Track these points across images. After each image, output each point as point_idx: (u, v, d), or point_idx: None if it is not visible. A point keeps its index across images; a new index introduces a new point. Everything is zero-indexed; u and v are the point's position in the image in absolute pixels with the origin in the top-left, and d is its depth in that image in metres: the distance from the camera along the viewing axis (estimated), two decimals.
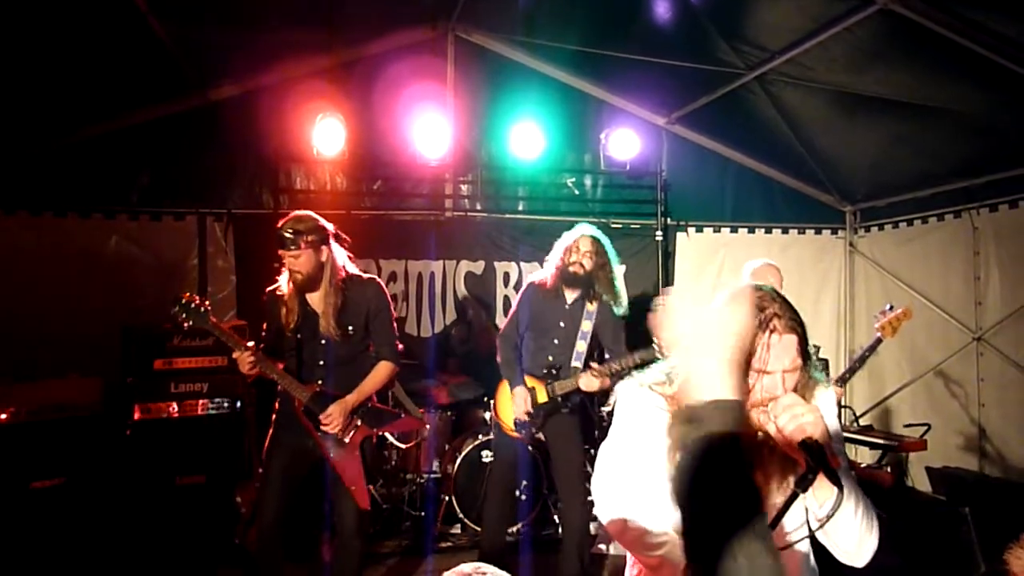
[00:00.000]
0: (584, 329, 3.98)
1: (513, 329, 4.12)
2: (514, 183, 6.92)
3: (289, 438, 3.45)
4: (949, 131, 5.38)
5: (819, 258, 7.50)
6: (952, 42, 4.27)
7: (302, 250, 3.37)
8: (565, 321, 4.00)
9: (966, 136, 5.36)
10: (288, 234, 3.37)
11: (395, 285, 6.51)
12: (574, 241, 4.00)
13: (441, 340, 6.47)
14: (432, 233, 6.44)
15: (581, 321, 3.98)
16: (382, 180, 6.59)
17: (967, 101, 4.93)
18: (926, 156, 5.91)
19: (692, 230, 7.36)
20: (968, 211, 6.10)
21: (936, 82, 4.85)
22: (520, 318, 4.10)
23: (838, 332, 7.49)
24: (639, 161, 6.87)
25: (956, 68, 4.55)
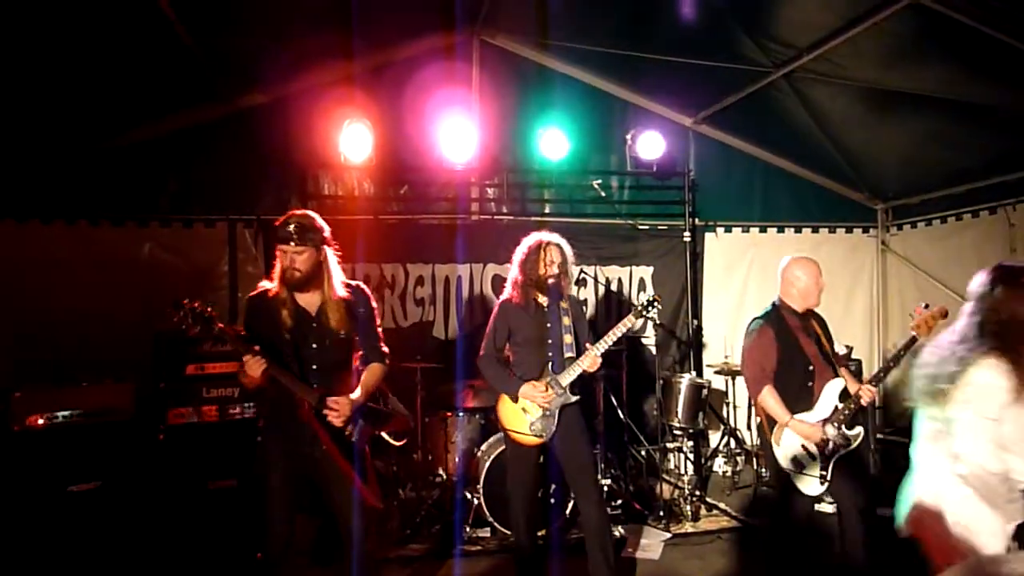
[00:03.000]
0: (566, 323, 4.09)
1: (495, 347, 4.15)
2: (540, 186, 6.93)
3: (285, 447, 3.39)
4: (982, 126, 5.29)
5: (851, 257, 7.41)
6: (984, 35, 4.21)
7: (306, 247, 3.35)
8: (551, 322, 4.06)
9: (1000, 131, 5.27)
10: (293, 229, 3.33)
11: (422, 289, 6.54)
12: (546, 253, 4.06)
13: (468, 344, 6.47)
14: (458, 236, 6.47)
15: (561, 317, 4.08)
16: (408, 185, 6.62)
17: (1000, 95, 4.85)
18: (959, 152, 5.82)
19: (721, 230, 7.32)
20: (1004, 207, 5.99)
21: (968, 77, 4.77)
22: (503, 336, 4.14)
23: (871, 332, 7.39)
24: (666, 162, 6.84)
25: (988, 62, 4.47)
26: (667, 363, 6.82)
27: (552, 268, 4.05)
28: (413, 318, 6.54)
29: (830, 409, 3.88)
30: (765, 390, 3.94)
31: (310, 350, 3.40)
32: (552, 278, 4.05)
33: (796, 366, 3.96)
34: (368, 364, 3.59)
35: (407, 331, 6.50)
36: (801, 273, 4.05)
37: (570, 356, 4.04)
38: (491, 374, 4.14)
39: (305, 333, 3.41)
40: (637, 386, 6.46)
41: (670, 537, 5.26)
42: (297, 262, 3.35)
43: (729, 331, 7.00)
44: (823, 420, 3.87)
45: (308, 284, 3.41)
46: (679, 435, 6.09)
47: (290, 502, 3.40)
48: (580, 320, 4.21)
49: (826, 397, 3.91)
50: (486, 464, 5.07)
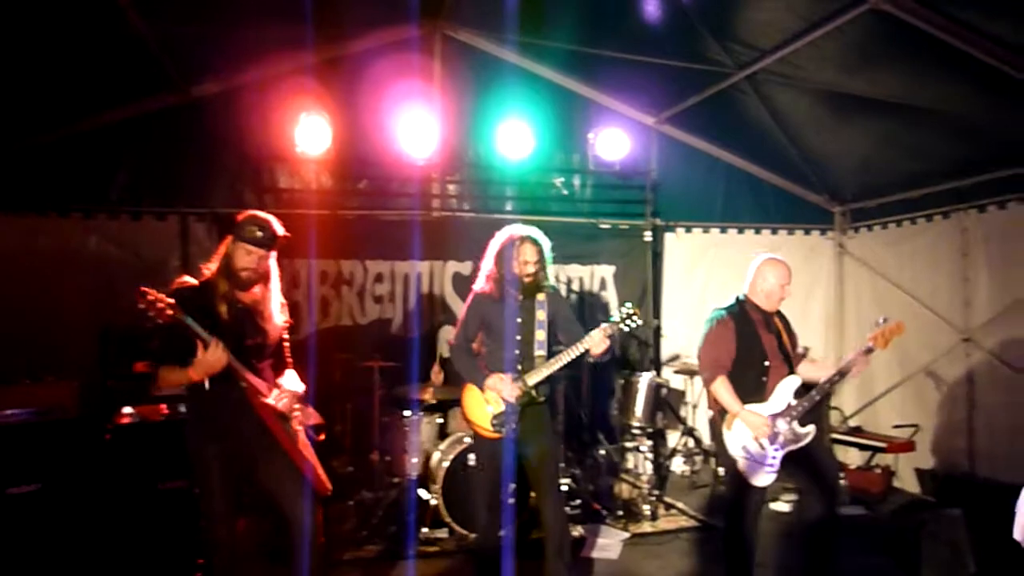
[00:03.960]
0: (540, 319, 4.03)
1: (465, 338, 4.12)
2: (502, 183, 6.91)
3: (222, 445, 3.32)
4: (939, 132, 5.41)
5: (809, 259, 7.53)
6: (942, 42, 4.30)
7: (266, 252, 3.37)
8: (522, 316, 4.03)
9: (956, 137, 5.40)
10: (262, 233, 3.32)
11: (381, 286, 6.48)
12: (519, 251, 4.00)
13: (428, 342, 6.43)
14: (419, 233, 6.40)
15: (535, 312, 4.04)
16: (368, 179, 6.55)
17: (957, 102, 4.96)
18: (916, 157, 5.95)
19: (682, 230, 7.39)
20: (957, 212, 6.15)
21: (926, 82, 4.88)
22: (473, 327, 4.11)
23: (827, 334, 7.52)
24: (628, 161, 6.87)
25: (946, 68, 4.58)
26: (628, 363, 6.86)
27: (526, 267, 3.98)
28: (372, 315, 6.47)
29: (783, 404, 3.94)
30: (718, 380, 3.99)
31: (248, 346, 3.38)
32: (527, 276, 4.00)
33: (752, 359, 4.00)
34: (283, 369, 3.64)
35: (365, 329, 6.43)
36: (769, 274, 4.08)
37: (540, 355, 3.99)
38: (461, 363, 4.13)
39: (245, 327, 3.39)
40: (597, 385, 6.49)
41: (628, 537, 5.29)
42: (255, 265, 3.35)
43: (689, 331, 7.06)
44: (774, 415, 3.92)
45: (253, 285, 3.42)
46: (638, 434, 6.13)
47: (231, 505, 3.35)
48: (560, 317, 4.12)
49: (780, 392, 3.97)
50: (445, 464, 5.04)
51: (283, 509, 3.41)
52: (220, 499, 3.32)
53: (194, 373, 3.23)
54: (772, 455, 3.90)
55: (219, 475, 3.31)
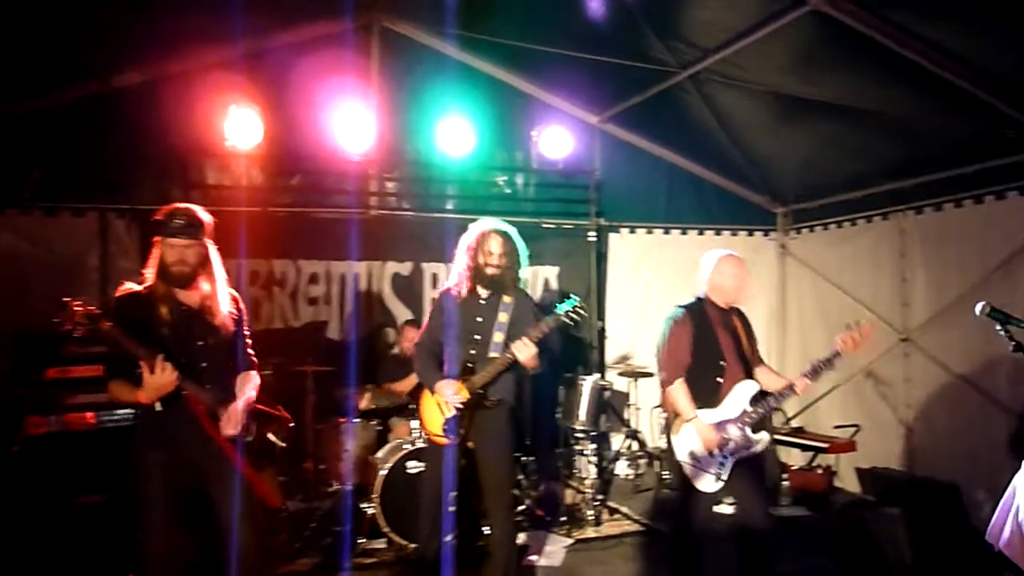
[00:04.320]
0: (501, 320, 4.01)
1: (429, 337, 4.11)
2: (443, 181, 6.87)
3: (167, 456, 3.24)
4: (879, 134, 5.60)
5: (751, 259, 7.63)
6: (881, 45, 4.45)
7: (195, 241, 3.27)
8: (483, 316, 4.02)
9: (895, 139, 5.60)
10: (183, 223, 3.24)
11: (316, 287, 6.39)
12: (484, 242, 3.99)
13: (364, 346, 6.37)
14: (355, 232, 6.31)
15: (498, 313, 4.02)
16: (301, 175, 6.45)
17: (896, 104, 5.14)
18: (856, 158, 6.14)
19: (626, 231, 7.48)
20: (895, 213, 6.37)
21: (866, 85, 5.04)
22: (436, 326, 4.10)
23: (770, 331, 7.71)
24: (572, 160, 6.93)
25: (885, 71, 4.73)
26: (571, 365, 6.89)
27: (490, 259, 3.97)
28: (305, 318, 6.37)
29: (738, 410, 3.98)
30: (677, 383, 4.02)
31: (196, 347, 3.31)
32: (492, 269, 3.98)
33: (708, 360, 4.03)
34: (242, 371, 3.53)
35: (299, 332, 6.33)
36: (725, 270, 4.10)
37: (494, 357, 3.97)
38: (419, 364, 4.13)
39: (190, 329, 3.31)
40: (540, 389, 6.50)
41: (572, 543, 5.32)
42: (187, 256, 3.26)
43: (633, 332, 7.15)
44: (727, 420, 3.97)
45: (192, 281, 3.32)
46: (582, 438, 6.17)
47: (170, 517, 3.24)
48: (521, 323, 4.05)
49: (735, 397, 4.00)
50: (383, 472, 4.99)
51: (224, 526, 3.33)
52: (159, 510, 3.23)
53: (143, 396, 3.13)
54: (720, 462, 3.96)
55: (161, 485, 3.23)
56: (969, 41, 4.32)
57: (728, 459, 3.95)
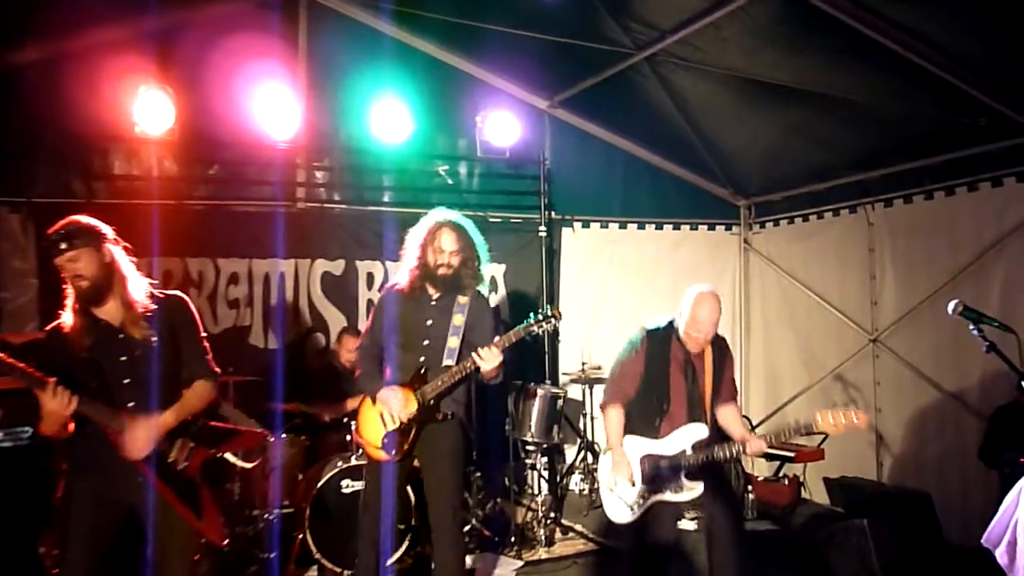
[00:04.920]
0: (456, 323, 3.97)
1: (372, 341, 4.08)
2: (378, 171, 6.84)
3: (93, 485, 3.22)
4: (845, 121, 5.75)
5: (713, 256, 7.85)
6: (848, 27, 4.57)
7: (79, 250, 3.21)
8: (434, 318, 3.98)
9: (862, 127, 5.76)
10: (58, 235, 3.20)
11: (237, 288, 6.29)
12: (436, 236, 3.96)
13: (293, 353, 6.30)
14: (281, 227, 6.24)
15: (452, 315, 3.98)
16: (220, 164, 6.34)
17: (863, 90, 5.29)
18: (822, 148, 6.30)
19: (579, 225, 7.54)
20: (863, 206, 6.55)
21: (832, 69, 5.17)
22: (380, 328, 4.05)
23: (733, 331, 7.84)
24: (520, 148, 6.97)
25: (852, 55, 4.87)
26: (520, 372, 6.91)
27: (442, 257, 3.93)
28: (225, 323, 6.28)
29: (676, 450, 4.06)
30: (611, 409, 4.17)
31: (119, 364, 3.29)
32: (444, 268, 3.94)
33: (652, 399, 4.13)
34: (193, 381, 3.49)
35: (218, 338, 6.16)
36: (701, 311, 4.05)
37: (449, 365, 3.93)
38: (361, 370, 4.10)
39: (110, 346, 3.28)
40: (485, 397, 6.49)
41: (522, 566, 5.35)
42: (78, 269, 3.22)
43: (587, 335, 7.20)
44: (662, 456, 4.06)
45: (102, 293, 3.28)
46: (532, 451, 6.20)
47: (93, 554, 3.20)
48: (478, 327, 4.04)
49: (676, 438, 4.08)
50: (314, 493, 4.95)
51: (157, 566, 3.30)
52: (77, 543, 3.20)
53: (45, 428, 3.11)
54: (636, 498, 4.05)
55: (85, 517, 3.21)
56: (941, 24, 4.47)
57: (647, 498, 4.04)
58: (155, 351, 3.35)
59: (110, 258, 3.30)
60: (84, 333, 3.25)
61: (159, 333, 3.37)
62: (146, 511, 3.27)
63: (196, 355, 3.51)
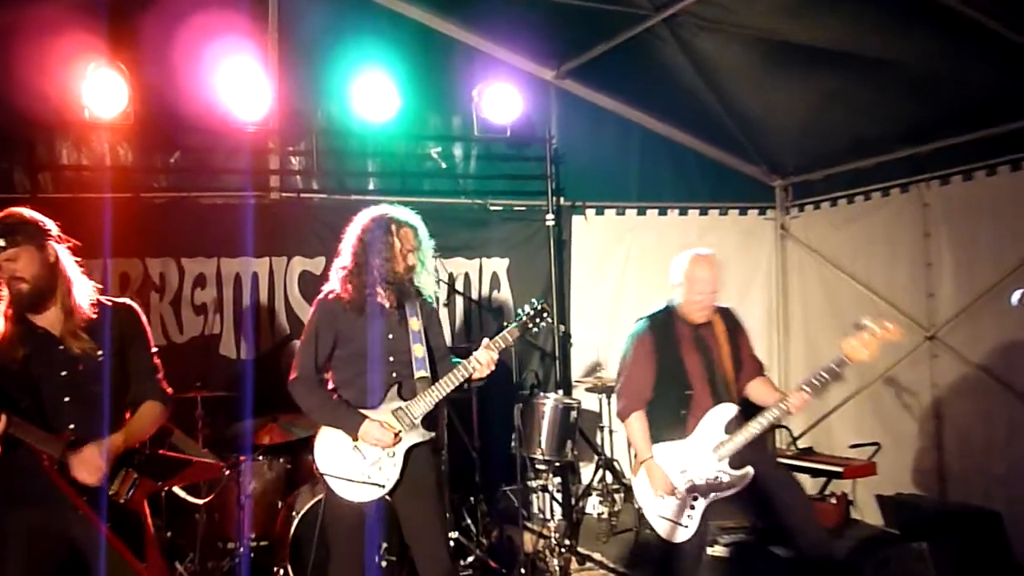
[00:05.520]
0: (415, 329, 3.98)
1: (312, 366, 3.97)
2: (362, 154, 6.86)
3: (24, 518, 3.20)
4: (895, 88, 5.71)
5: (745, 244, 7.82)
6: None
7: (19, 248, 3.20)
8: (394, 331, 3.98)
9: (915, 94, 5.72)
10: None
11: (204, 291, 6.32)
12: (397, 238, 3.93)
13: (268, 364, 6.33)
14: (253, 221, 6.25)
15: (409, 320, 3.99)
16: (182, 151, 6.37)
17: (914, 51, 5.26)
18: (867, 118, 6.27)
19: (591, 212, 7.54)
20: (917, 184, 6.51)
21: (879, 28, 5.13)
22: (322, 348, 3.97)
23: (770, 332, 7.83)
24: (523, 125, 6.96)
25: (903, 12, 4.83)
26: (527, 381, 6.92)
27: (408, 259, 3.92)
28: (192, 331, 6.31)
29: (712, 441, 4.05)
30: (633, 416, 4.12)
31: (58, 379, 3.27)
32: (407, 272, 3.93)
33: (671, 388, 4.13)
34: (142, 401, 3.49)
35: (184, 349, 6.27)
36: (696, 276, 4.15)
37: (422, 376, 3.93)
38: (314, 403, 3.95)
39: (49, 358, 3.27)
40: (489, 411, 6.51)
41: None
42: (17, 270, 3.21)
43: (603, 338, 7.20)
44: (698, 455, 4.04)
45: (43, 298, 3.28)
46: (543, 470, 6.20)
47: None
48: (433, 325, 4.10)
49: (706, 426, 4.08)
50: (295, 522, 4.97)
51: None
52: None
53: None
54: (689, 508, 4.03)
55: (18, 551, 3.19)
56: None
57: (698, 503, 4.02)
58: (103, 366, 3.35)
59: (54, 258, 3.30)
60: (18, 343, 3.23)
61: (105, 346, 3.36)
62: (89, 547, 3.25)
63: (145, 373, 3.51)
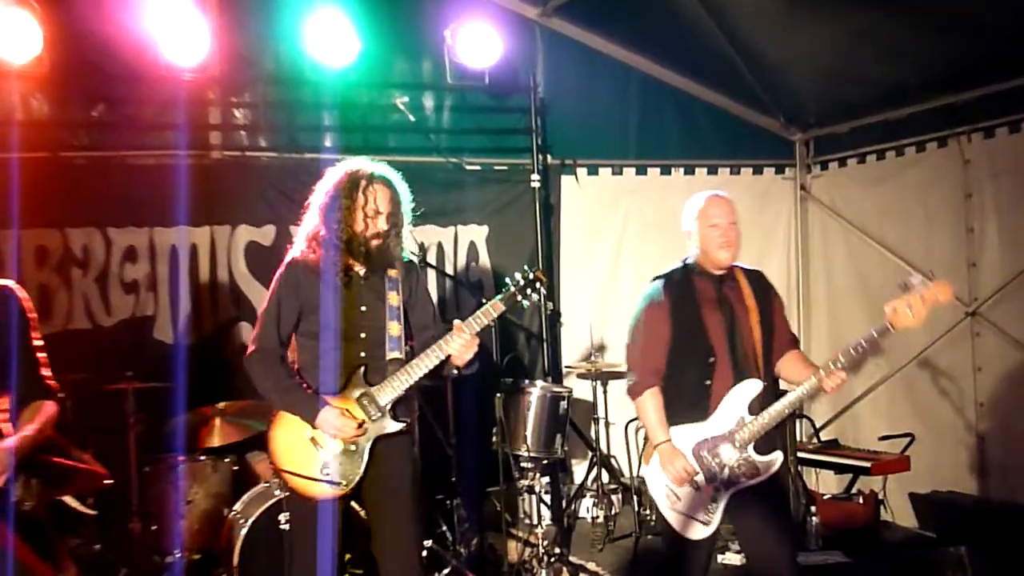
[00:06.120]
0: (392, 304, 3.95)
1: (273, 338, 3.96)
2: (316, 106, 6.80)
3: None
4: (930, 25, 5.69)
5: (761, 207, 7.81)
6: None
7: None
8: (367, 303, 3.96)
9: (953, 32, 5.69)
10: None
11: (135, 266, 6.29)
12: (367, 196, 3.87)
13: (210, 350, 6.34)
14: (190, 184, 6.16)
15: (386, 294, 3.96)
16: (106, 104, 6.30)
17: None
18: (899, 61, 6.23)
19: (583, 172, 7.52)
20: (956, 137, 6.50)
21: None
22: (285, 319, 3.96)
23: (789, 308, 7.78)
24: (504, 71, 6.92)
25: None
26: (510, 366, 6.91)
27: (378, 221, 3.88)
28: (121, 313, 6.28)
29: (733, 421, 4.03)
30: (647, 394, 4.05)
31: None
32: (379, 237, 3.91)
33: (692, 356, 4.04)
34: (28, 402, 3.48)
35: (112, 333, 6.25)
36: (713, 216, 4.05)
37: (395, 358, 3.91)
38: (269, 382, 3.94)
39: None
40: (467, 401, 6.51)
41: None
42: None
43: (598, 317, 7.18)
44: (719, 438, 4.02)
45: None
46: (530, 469, 6.20)
47: None
48: (418, 300, 4.08)
49: (729, 404, 4.04)
50: (242, 530, 4.98)
51: None
52: None
53: None
54: (710, 501, 4.00)
55: None
56: None
57: (720, 494, 4.00)
58: None
59: None
60: None
61: None
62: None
63: (30, 369, 3.50)
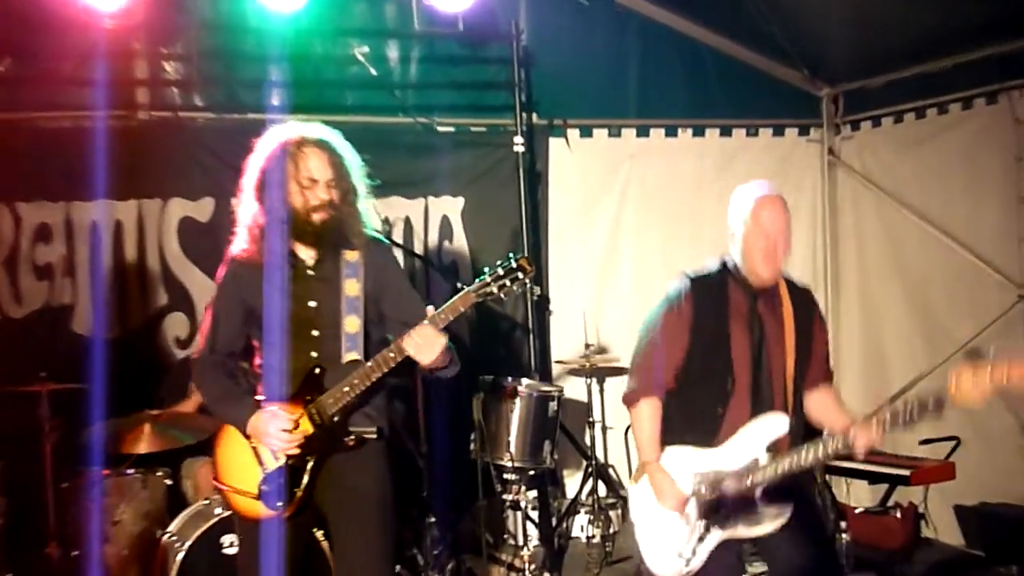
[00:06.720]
0: (350, 294, 3.87)
1: (215, 342, 3.97)
2: (261, 58, 6.68)
3: None
4: None
5: (783, 173, 7.79)
6: None
7: None
8: (318, 296, 3.91)
9: None
10: None
11: (48, 247, 6.30)
12: (297, 163, 3.81)
13: (138, 344, 6.32)
14: (112, 152, 6.09)
15: (341, 284, 3.89)
16: (13, 58, 6.28)
17: None
18: (939, 5, 6.20)
19: (575, 134, 7.49)
20: (1006, 92, 6.47)
21: None
22: (228, 321, 3.96)
23: (815, 284, 7.81)
24: (480, 15, 6.87)
25: None
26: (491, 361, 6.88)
27: (317, 191, 3.80)
28: (33, 303, 6.31)
29: (746, 458, 3.98)
30: (642, 403, 4.02)
31: None
32: (322, 210, 3.84)
33: (708, 377, 4.01)
34: None
35: (23, 326, 6.28)
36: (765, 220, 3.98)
37: (353, 359, 3.87)
38: (205, 388, 4.02)
39: None
40: (441, 404, 6.48)
41: None
42: None
43: (592, 304, 7.17)
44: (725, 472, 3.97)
45: None
46: (514, 482, 6.17)
47: None
48: (389, 286, 4.01)
49: (745, 439, 3.98)
50: (178, 555, 5.00)
51: None
52: None
53: None
54: (693, 540, 3.98)
55: None
56: None
57: (709, 535, 3.97)
58: None
59: None
60: None
61: None
62: None
63: None
